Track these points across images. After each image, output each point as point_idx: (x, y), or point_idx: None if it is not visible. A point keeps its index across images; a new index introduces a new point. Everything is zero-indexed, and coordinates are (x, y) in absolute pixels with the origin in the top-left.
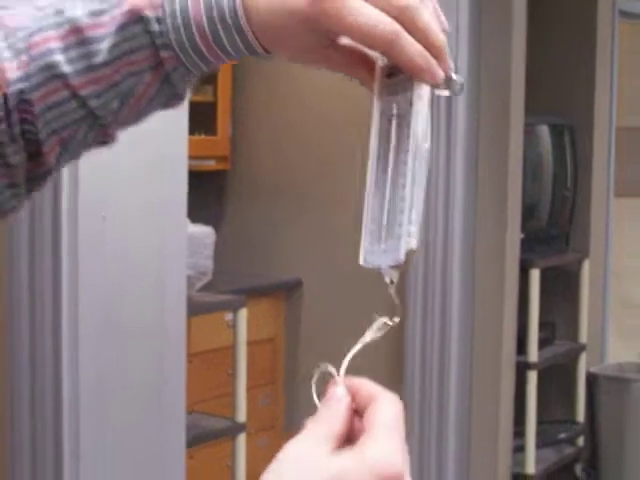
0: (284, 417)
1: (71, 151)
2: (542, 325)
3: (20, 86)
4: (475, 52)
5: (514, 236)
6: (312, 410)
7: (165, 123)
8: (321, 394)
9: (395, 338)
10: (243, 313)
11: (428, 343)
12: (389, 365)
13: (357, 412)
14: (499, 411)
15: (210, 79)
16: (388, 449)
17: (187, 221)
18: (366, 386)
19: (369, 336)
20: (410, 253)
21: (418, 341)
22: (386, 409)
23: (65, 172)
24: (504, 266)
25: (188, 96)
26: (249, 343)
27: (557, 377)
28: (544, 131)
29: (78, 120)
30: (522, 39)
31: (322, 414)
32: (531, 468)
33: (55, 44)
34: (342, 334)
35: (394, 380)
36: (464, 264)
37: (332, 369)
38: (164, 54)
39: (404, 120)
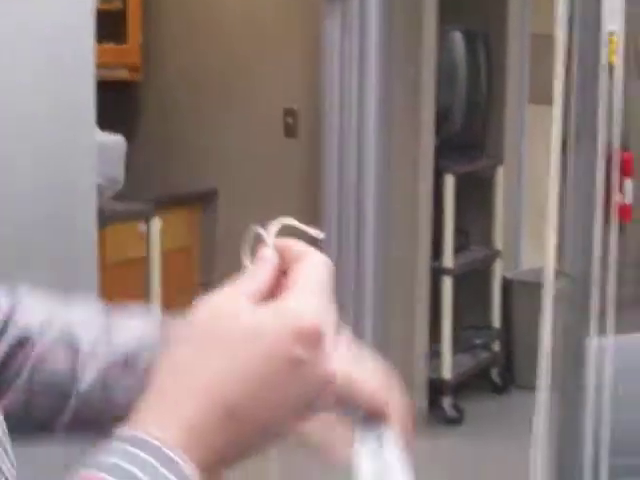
0: None
1: None
2: (457, 231)
3: None
4: None
5: (428, 142)
6: None
7: (69, 30)
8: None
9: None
10: (156, 222)
11: (344, 248)
12: None
13: (286, 273)
14: (415, 316)
15: None
16: (307, 304)
17: (97, 129)
18: (296, 247)
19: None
20: None
21: (334, 245)
22: (312, 268)
23: None
24: (418, 172)
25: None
26: (164, 253)
27: (472, 283)
28: (458, 38)
29: None
30: None
31: (249, 273)
32: (447, 373)
33: None
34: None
35: None
36: (379, 171)
37: (263, 231)
38: None
39: None
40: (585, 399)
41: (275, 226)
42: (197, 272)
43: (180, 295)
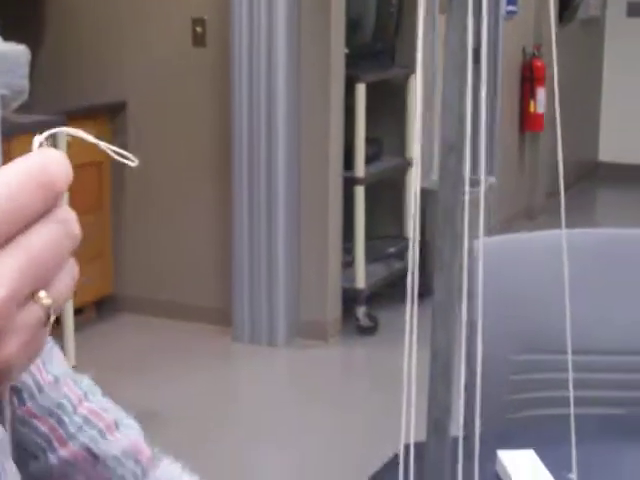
0: (111, 244)
1: None
2: (370, 141)
3: None
4: None
5: (338, 51)
6: (137, 236)
7: None
8: None
9: (221, 161)
10: (63, 135)
11: (254, 159)
12: (216, 188)
13: None
14: (328, 227)
15: None
16: None
17: None
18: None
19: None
20: None
21: (244, 155)
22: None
23: None
24: (329, 82)
25: None
26: (73, 167)
27: (386, 193)
28: None
29: None
30: None
31: None
32: (361, 283)
33: None
34: (167, 156)
35: (223, 198)
36: (289, 81)
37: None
38: None
39: None
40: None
41: (47, 134)
42: (107, 187)
43: (91, 210)
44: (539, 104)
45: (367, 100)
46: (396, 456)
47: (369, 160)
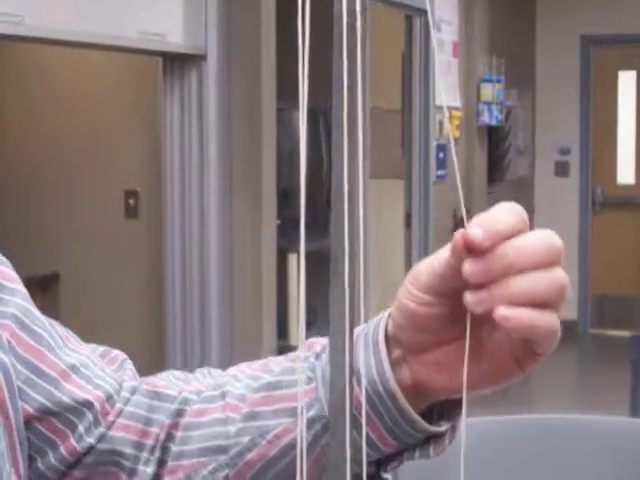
0: None
1: None
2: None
3: None
4: (224, 38)
5: (270, 222)
6: None
7: None
8: None
9: (155, 336)
10: None
11: (188, 329)
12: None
13: None
14: None
15: None
16: None
17: None
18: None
19: None
20: None
21: (178, 323)
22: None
23: None
24: (261, 252)
25: None
26: None
27: None
28: (297, 117)
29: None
30: (272, 26)
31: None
32: None
33: None
34: (100, 325)
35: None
36: (221, 253)
37: None
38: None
39: None
40: None
41: None
42: None
43: None
44: None
45: (299, 269)
46: None
47: (305, 327)
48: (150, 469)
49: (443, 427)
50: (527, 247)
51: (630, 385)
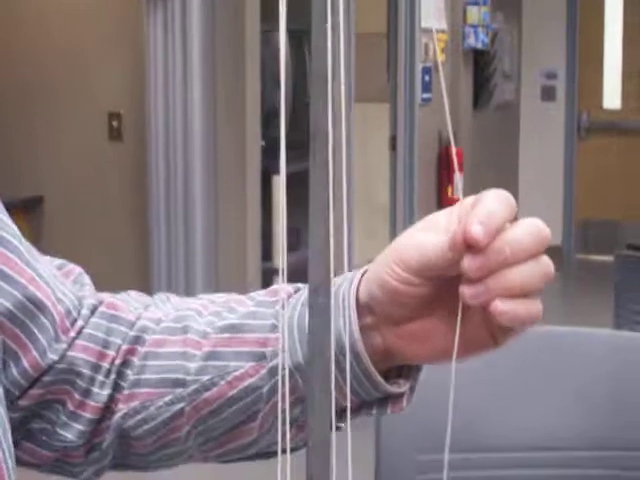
0: None
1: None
2: (288, 231)
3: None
4: None
5: (254, 145)
6: None
7: None
8: None
9: (139, 256)
10: None
11: (172, 253)
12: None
13: None
14: None
15: None
16: None
17: None
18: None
19: None
20: None
21: (163, 249)
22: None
23: None
24: (245, 175)
25: None
26: None
27: (305, 282)
28: None
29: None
30: None
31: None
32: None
33: None
34: (83, 252)
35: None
36: (205, 176)
37: None
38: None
39: None
40: None
41: None
42: None
43: None
44: (456, 189)
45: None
46: None
47: (288, 250)
48: (105, 392)
49: (403, 388)
50: (520, 241)
51: (613, 305)
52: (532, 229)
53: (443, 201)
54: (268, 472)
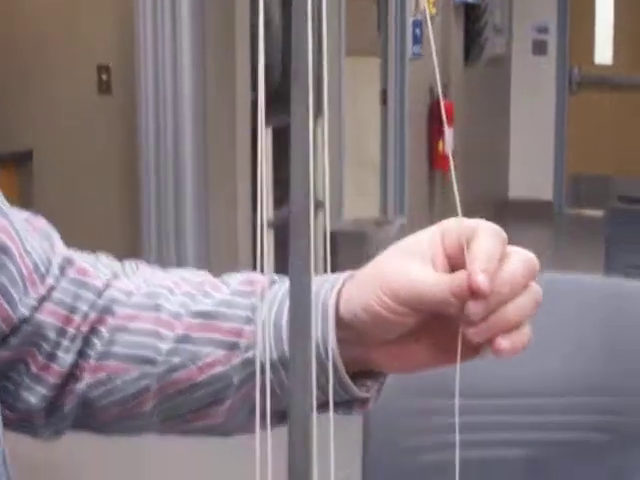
0: None
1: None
2: (278, 184)
3: None
4: None
5: (244, 97)
6: None
7: None
8: None
9: (129, 210)
10: None
11: (162, 212)
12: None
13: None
14: (238, 269)
15: None
16: None
17: None
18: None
19: None
20: None
21: (153, 205)
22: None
23: None
24: (235, 128)
25: None
26: None
27: None
28: None
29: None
30: None
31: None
32: None
33: None
34: (74, 205)
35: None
36: (195, 129)
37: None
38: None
39: None
40: None
41: None
42: None
43: None
44: (447, 143)
45: (274, 144)
46: None
47: (278, 203)
48: (69, 357)
49: (371, 391)
50: (516, 277)
51: (604, 258)
52: (525, 264)
53: (434, 155)
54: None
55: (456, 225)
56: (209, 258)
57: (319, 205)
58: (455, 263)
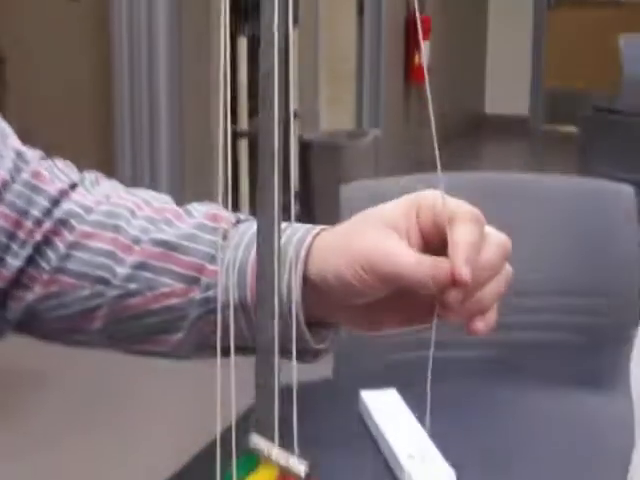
0: None
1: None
2: (252, 95)
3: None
4: None
5: (219, 4)
6: None
7: None
8: None
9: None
10: None
11: (136, 119)
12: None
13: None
14: (213, 180)
15: None
16: None
17: None
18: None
19: None
20: None
21: (126, 116)
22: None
23: None
24: (210, 34)
25: None
26: None
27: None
28: None
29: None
30: None
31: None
32: None
33: None
34: (48, 113)
35: None
36: (170, 33)
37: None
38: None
39: None
40: None
41: None
42: None
43: None
44: (423, 57)
45: (249, 54)
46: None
47: (252, 113)
48: (16, 262)
49: (326, 342)
50: (493, 263)
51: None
52: (501, 248)
53: (410, 69)
54: None
55: (432, 201)
56: (184, 170)
57: (293, 116)
58: (428, 240)
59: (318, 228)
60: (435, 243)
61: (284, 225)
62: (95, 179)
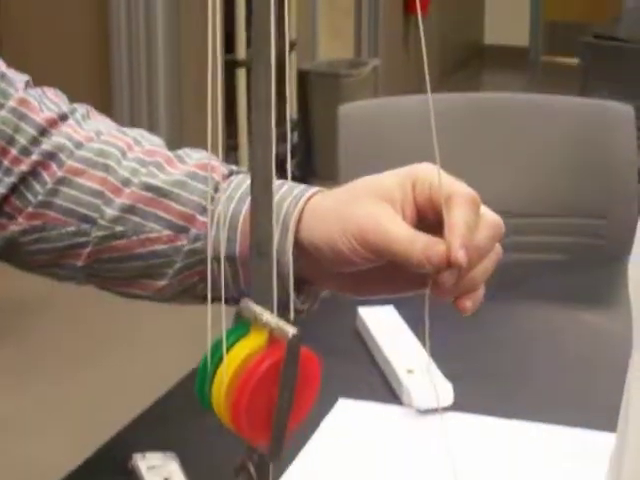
0: None
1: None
2: (250, 23)
3: None
4: None
5: None
6: None
7: None
8: None
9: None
10: None
11: (134, 45)
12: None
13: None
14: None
15: None
16: None
17: None
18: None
19: None
20: None
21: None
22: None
23: None
24: None
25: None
26: None
27: None
28: None
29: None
30: None
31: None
32: (244, 166)
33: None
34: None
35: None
36: None
37: None
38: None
39: None
40: None
41: None
42: None
43: None
44: None
45: None
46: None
47: (250, 42)
48: (0, 189)
49: (310, 301)
50: (486, 244)
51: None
52: (494, 230)
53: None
54: None
55: (429, 176)
56: (181, 96)
57: (292, 45)
58: (423, 214)
59: (313, 190)
60: (429, 218)
61: (279, 182)
62: (86, 112)
